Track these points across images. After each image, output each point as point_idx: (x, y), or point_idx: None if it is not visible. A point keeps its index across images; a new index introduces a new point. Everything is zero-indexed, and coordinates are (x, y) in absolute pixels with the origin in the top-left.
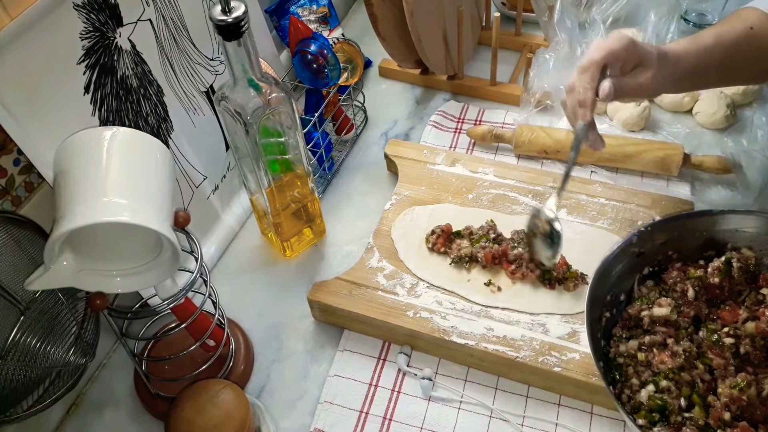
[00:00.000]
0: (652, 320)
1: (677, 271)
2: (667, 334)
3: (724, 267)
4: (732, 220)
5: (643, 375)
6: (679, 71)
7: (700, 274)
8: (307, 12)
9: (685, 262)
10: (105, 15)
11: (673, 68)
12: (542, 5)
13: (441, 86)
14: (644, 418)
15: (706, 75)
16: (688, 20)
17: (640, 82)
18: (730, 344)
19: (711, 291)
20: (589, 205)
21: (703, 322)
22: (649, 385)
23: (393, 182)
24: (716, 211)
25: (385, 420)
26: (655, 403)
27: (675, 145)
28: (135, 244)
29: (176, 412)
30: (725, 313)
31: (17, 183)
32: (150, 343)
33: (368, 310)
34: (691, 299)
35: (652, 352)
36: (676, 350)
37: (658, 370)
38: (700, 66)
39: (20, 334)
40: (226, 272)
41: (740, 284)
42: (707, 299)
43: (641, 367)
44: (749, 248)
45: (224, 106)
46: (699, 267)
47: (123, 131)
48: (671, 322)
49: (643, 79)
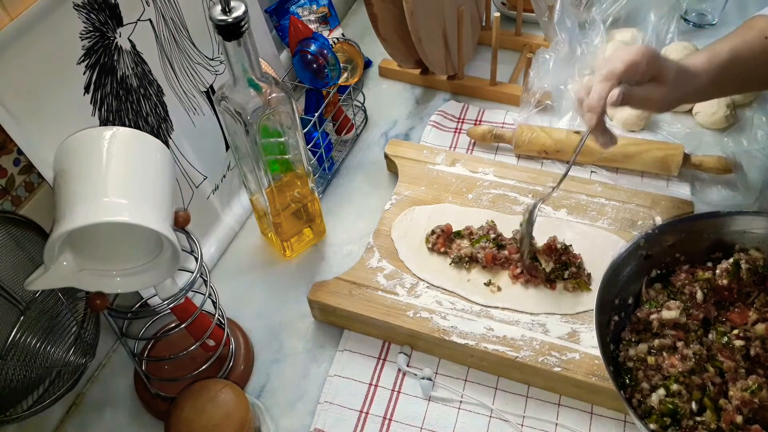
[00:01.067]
0: (662, 323)
1: (685, 274)
2: (677, 338)
3: (732, 268)
4: (740, 221)
5: (653, 379)
6: (697, 88)
7: (708, 276)
8: (307, 12)
9: (693, 264)
10: (105, 15)
11: (689, 87)
12: (542, 5)
13: (441, 86)
14: (656, 422)
15: (724, 88)
16: (688, 20)
17: (649, 97)
18: (740, 346)
19: (719, 293)
20: (589, 205)
21: (713, 324)
22: (660, 389)
23: (393, 182)
24: (724, 213)
25: (385, 420)
26: (666, 407)
27: (675, 145)
28: (135, 244)
29: (176, 412)
30: (734, 315)
31: (17, 183)
32: (150, 343)
33: (368, 310)
34: (699, 301)
35: (661, 356)
36: (686, 353)
37: (668, 373)
38: (718, 81)
39: (20, 334)
40: (226, 272)
41: (749, 286)
42: (716, 301)
43: (651, 371)
44: (757, 249)
45: (224, 106)
46: (707, 269)
47: (123, 131)
48: (680, 325)
49: (653, 94)
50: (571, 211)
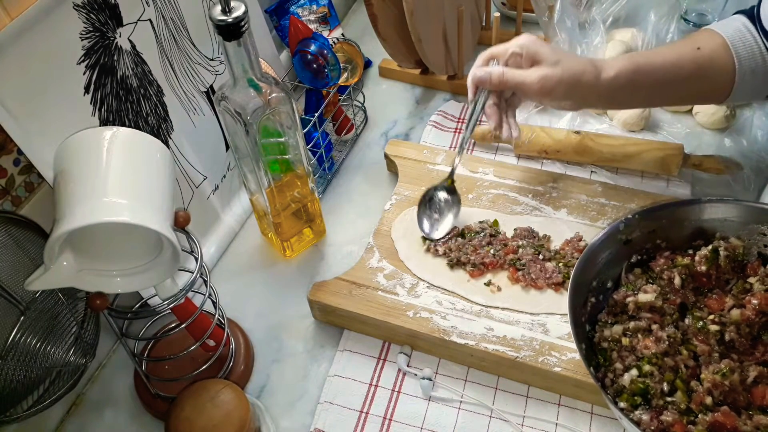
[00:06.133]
0: (638, 306)
1: (664, 259)
2: (652, 320)
3: (711, 255)
4: (720, 209)
5: (626, 360)
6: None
7: (687, 263)
8: (307, 12)
9: (673, 251)
10: (105, 15)
11: (582, 76)
12: (542, 5)
13: (441, 86)
14: (626, 401)
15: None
16: (688, 20)
17: (524, 76)
18: (715, 331)
19: (698, 279)
20: (589, 205)
21: (690, 310)
22: (633, 370)
23: (393, 182)
24: (704, 200)
25: (385, 420)
26: (637, 387)
27: (675, 145)
28: (135, 244)
29: (176, 412)
30: (712, 302)
31: (17, 183)
32: (150, 343)
33: (368, 310)
34: (677, 287)
35: (636, 338)
36: (660, 336)
37: (642, 355)
38: (632, 81)
39: (20, 334)
40: (226, 272)
41: (727, 273)
42: (694, 288)
43: (625, 352)
44: (738, 238)
45: (224, 106)
46: (686, 255)
47: (123, 131)
48: (657, 309)
49: (527, 74)
50: (571, 211)
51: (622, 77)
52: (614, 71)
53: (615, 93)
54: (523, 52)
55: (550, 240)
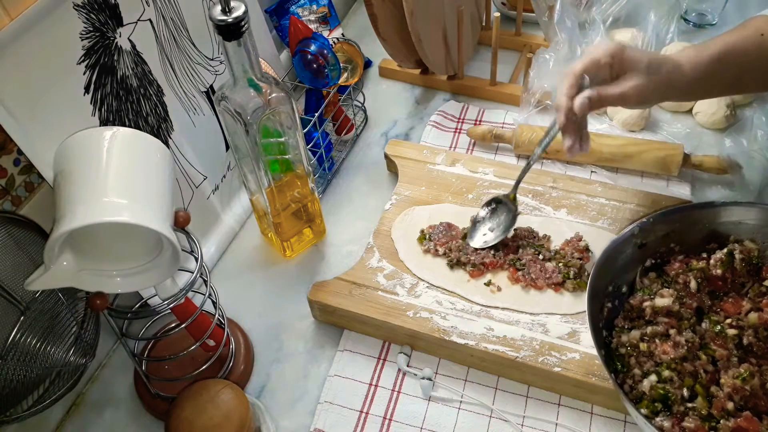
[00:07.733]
0: (654, 311)
1: (679, 263)
2: (669, 325)
3: (726, 259)
4: (734, 212)
5: (645, 365)
6: (679, 80)
7: (702, 266)
8: (307, 12)
9: (687, 255)
10: (105, 15)
11: (670, 77)
12: (542, 5)
13: (441, 86)
14: (647, 407)
15: (713, 83)
16: (688, 20)
17: (623, 91)
18: (733, 335)
19: (713, 283)
20: (589, 205)
21: (706, 313)
22: (652, 375)
23: (393, 182)
24: (718, 203)
25: (385, 420)
26: (657, 393)
27: (675, 145)
28: (135, 244)
29: (176, 412)
30: (728, 305)
31: (17, 183)
32: (150, 343)
33: (368, 310)
34: (693, 291)
35: (654, 343)
36: (678, 341)
37: (660, 360)
38: (707, 74)
39: (20, 334)
40: (226, 272)
41: (743, 276)
42: (710, 291)
43: (643, 358)
44: (752, 240)
45: (224, 106)
46: (701, 259)
47: (123, 131)
48: (673, 313)
49: (626, 87)
50: (571, 211)
51: (700, 70)
52: (690, 66)
53: (693, 88)
54: (614, 61)
55: (550, 240)
